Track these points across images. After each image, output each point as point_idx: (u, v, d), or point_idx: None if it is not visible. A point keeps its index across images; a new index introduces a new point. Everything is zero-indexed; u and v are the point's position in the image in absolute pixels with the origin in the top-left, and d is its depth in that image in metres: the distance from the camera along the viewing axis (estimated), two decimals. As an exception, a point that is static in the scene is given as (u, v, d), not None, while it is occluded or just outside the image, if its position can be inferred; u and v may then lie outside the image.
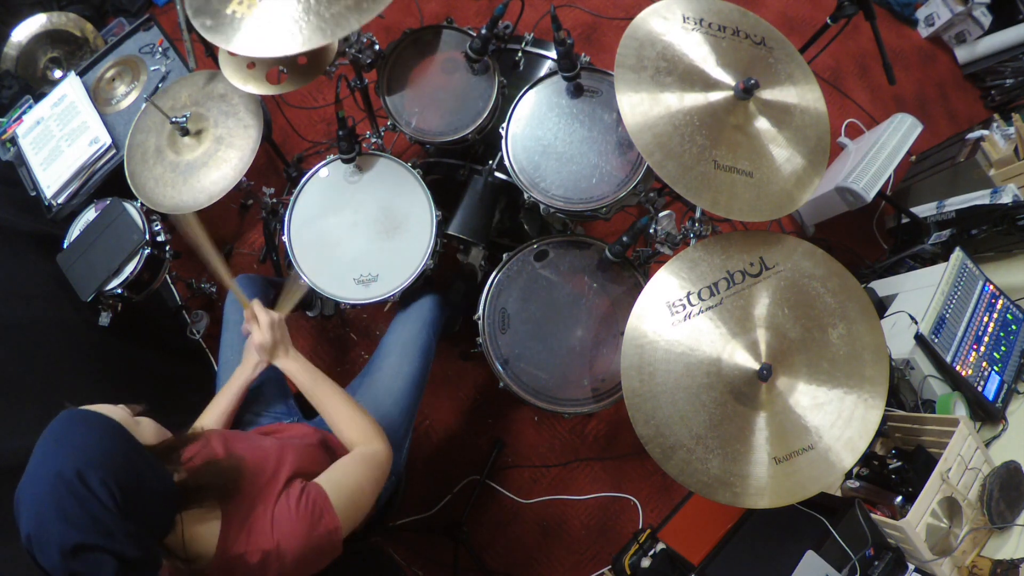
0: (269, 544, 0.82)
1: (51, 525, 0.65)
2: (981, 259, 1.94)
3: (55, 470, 0.67)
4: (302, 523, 0.84)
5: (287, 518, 0.84)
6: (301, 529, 0.84)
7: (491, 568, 1.84)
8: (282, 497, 0.86)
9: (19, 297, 1.41)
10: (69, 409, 0.76)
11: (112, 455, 0.70)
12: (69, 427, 0.73)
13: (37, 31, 2.00)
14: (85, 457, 0.68)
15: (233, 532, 0.82)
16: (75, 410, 0.76)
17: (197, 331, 1.94)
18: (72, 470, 0.67)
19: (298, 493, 0.87)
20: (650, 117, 1.11)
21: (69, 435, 0.71)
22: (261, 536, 0.82)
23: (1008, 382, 1.68)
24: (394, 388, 1.30)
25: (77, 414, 0.75)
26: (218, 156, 1.42)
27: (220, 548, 0.80)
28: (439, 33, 1.49)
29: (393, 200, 1.43)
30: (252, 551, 0.82)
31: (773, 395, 1.08)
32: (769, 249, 1.17)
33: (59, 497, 0.66)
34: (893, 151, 2.06)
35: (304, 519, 0.85)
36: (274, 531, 0.83)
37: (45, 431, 0.73)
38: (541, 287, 1.39)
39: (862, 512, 1.32)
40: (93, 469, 0.67)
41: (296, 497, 0.86)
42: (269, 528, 0.83)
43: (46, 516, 0.66)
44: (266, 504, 0.85)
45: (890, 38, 2.76)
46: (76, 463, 0.67)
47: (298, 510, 0.85)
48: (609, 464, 1.97)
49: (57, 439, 0.71)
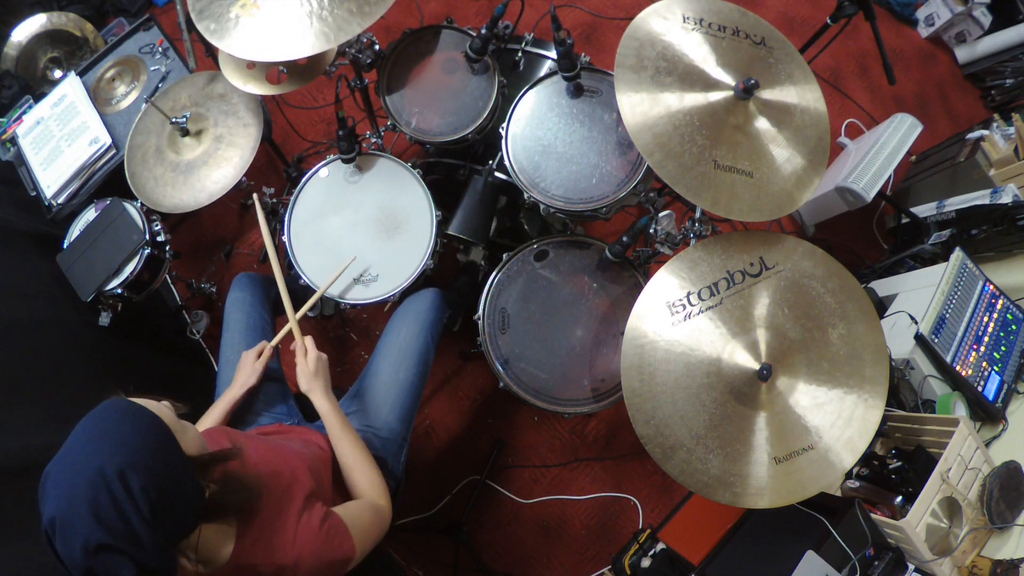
0: (288, 559, 0.84)
1: (81, 520, 0.64)
2: (981, 259, 1.94)
3: (98, 464, 0.65)
4: (323, 544, 0.87)
5: (310, 537, 0.86)
6: (322, 550, 0.87)
7: (491, 568, 1.84)
8: (304, 516, 0.88)
9: (19, 297, 1.41)
10: (118, 398, 0.73)
11: (158, 461, 0.69)
12: (119, 420, 0.70)
13: (37, 31, 2.00)
14: (132, 459, 0.66)
15: (249, 542, 0.82)
16: (125, 401, 0.73)
17: (197, 331, 1.94)
18: (115, 469, 0.65)
19: (321, 516, 0.89)
20: (650, 117, 1.11)
21: (118, 429, 0.69)
22: (280, 550, 0.84)
23: (1008, 382, 1.68)
24: (391, 395, 1.29)
25: (129, 408, 0.72)
26: (218, 155, 1.42)
27: (234, 556, 0.81)
28: (439, 33, 1.49)
29: (393, 200, 1.43)
30: (268, 563, 0.83)
31: (773, 395, 1.09)
32: (769, 249, 1.17)
33: (96, 493, 0.64)
34: (893, 151, 2.06)
35: (326, 541, 0.88)
36: (295, 547, 0.85)
37: (91, 416, 0.71)
38: (541, 287, 1.39)
39: (862, 512, 1.32)
40: (137, 473, 0.66)
41: (320, 519, 0.89)
42: (291, 544, 0.85)
43: (78, 509, 0.64)
44: (286, 520, 0.87)
45: (890, 38, 2.76)
46: (122, 463, 0.65)
47: (320, 531, 0.88)
48: (609, 464, 1.97)
49: (105, 431, 0.69)
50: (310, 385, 1.16)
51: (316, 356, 1.18)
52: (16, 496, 1.04)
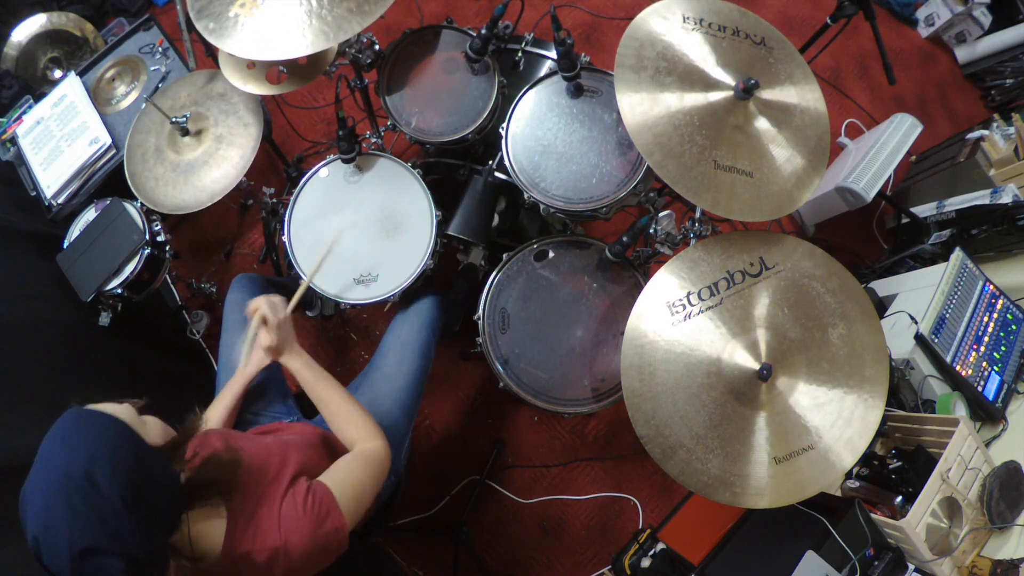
0: (276, 542, 0.83)
1: (59, 527, 0.64)
2: (981, 259, 1.93)
3: (62, 470, 0.66)
4: (309, 521, 0.85)
5: (294, 516, 0.85)
6: (308, 527, 0.85)
7: (491, 568, 1.84)
8: (288, 495, 0.87)
9: (19, 297, 1.41)
10: (74, 408, 0.74)
11: (120, 454, 0.69)
12: (75, 426, 0.71)
13: (37, 31, 2.00)
14: (92, 457, 0.67)
15: (239, 530, 0.82)
16: (80, 409, 0.74)
17: (197, 331, 1.94)
18: (80, 470, 0.66)
19: (304, 491, 0.88)
20: (650, 117, 1.11)
21: (75, 434, 0.70)
22: (268, 534, 0.83)
23: (1008, 382, 1.68)
24: (394, 387, 1.30)
25: (82, 413, 0.73)
26: (219, 155, 1.42)
27: (226, 546, 0.81)
28: (439, 33, 1.49)
29: (393, 200, 1.43)
30: (259, 549, 0.82)
31: (773, 395, 1.08)
32: (769, 249, 1.17)
33: (67, 497, 0.65)
34: (893, 151, 2.06)
35: (311, 517, 0.86)
36: (281, 529, 0.83)
37: (51, 430, 0.71)
38: (541, 287, 1.39)
39: (862, 512, 1.32)
40: (101, 468, 0.66)
41: (302, 495, 0.87)
42: (276, 526, 0.84)
43: (54, 517, 0.65)
44: (272, 502, 0.86)
45: (890, 38, 2.76)
46: (84, 463, 0.66)
47: (304, 508, 0.86)
48: (609, 464, 1.97)
49: (63, 438, 0.70)
50: (278, 350, 1.14)
51: (276, 322, 1.12)
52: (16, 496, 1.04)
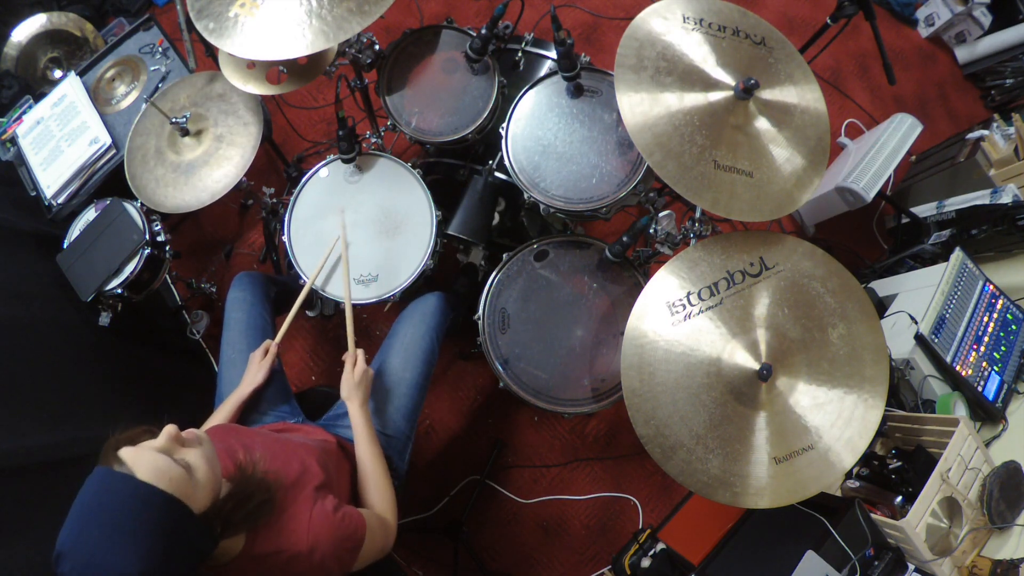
0: (303, 546, 0.85)
1: None
2: (981, 259, 1.93)
3: (118, 572, 0.65)
4: (338, 531, 0.90)
5: (325, 523, 0.88)
6: (336, 536, 0.89)
7: (491, 568, 1.84)
8: (318, 504, 0.90)
9: (19, 297, 1.41)
10: (125, 475, 0.69)
11: (173, 547, 0.69)
12: (133, 511, 0.67)
13: (37, 31, 2.00)
14: (152, 564, 0.66)
15: (262, 534, 0.84)
16: (133, 481, 0.68)
17: (197, 331, 1.94)
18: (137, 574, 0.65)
19: (335, 504, 0.92)
20: (650, 117, 1.11)
21: (133, 525, 0.67)
22: (295, 537, 0.85)
23: (1008, 382, 1.68)
24: (398, 394, 1.29)
25: (138, 493, 0.68)
26: (219, 155, 1.42)
27: (247, 547, 0.82)
28: (439, 33, 1.49)
29: (393, 200, 1.43)
30: (281, 551, 0.84)
31: (773, 395, 1.08)
32: (769, 249, 1.17)
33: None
34: (893, 151, 2.06)
35: (340, 528, 0.90)
36: (311, 534, 0.86)
37: (99, 498, 0.68)
38: (541, 287, 1.39)
39: (862, 512, 1.32)
40: (156, 570, 0.66)
41: (333, 506, 0.92)
42: (305, 531, 0.86)
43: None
44: (298, 508, 0.88)
45: (890, 38, 2.76)
46: (143, 569, 0.65)
47: (335, 517, 0.90)
48: (609, 464, 1.97)
49: (118, 526, 0.66)
50: (351, 394, 1.18)
51: (364, 369, 1.20)
52: (16, 496, 1.04)
